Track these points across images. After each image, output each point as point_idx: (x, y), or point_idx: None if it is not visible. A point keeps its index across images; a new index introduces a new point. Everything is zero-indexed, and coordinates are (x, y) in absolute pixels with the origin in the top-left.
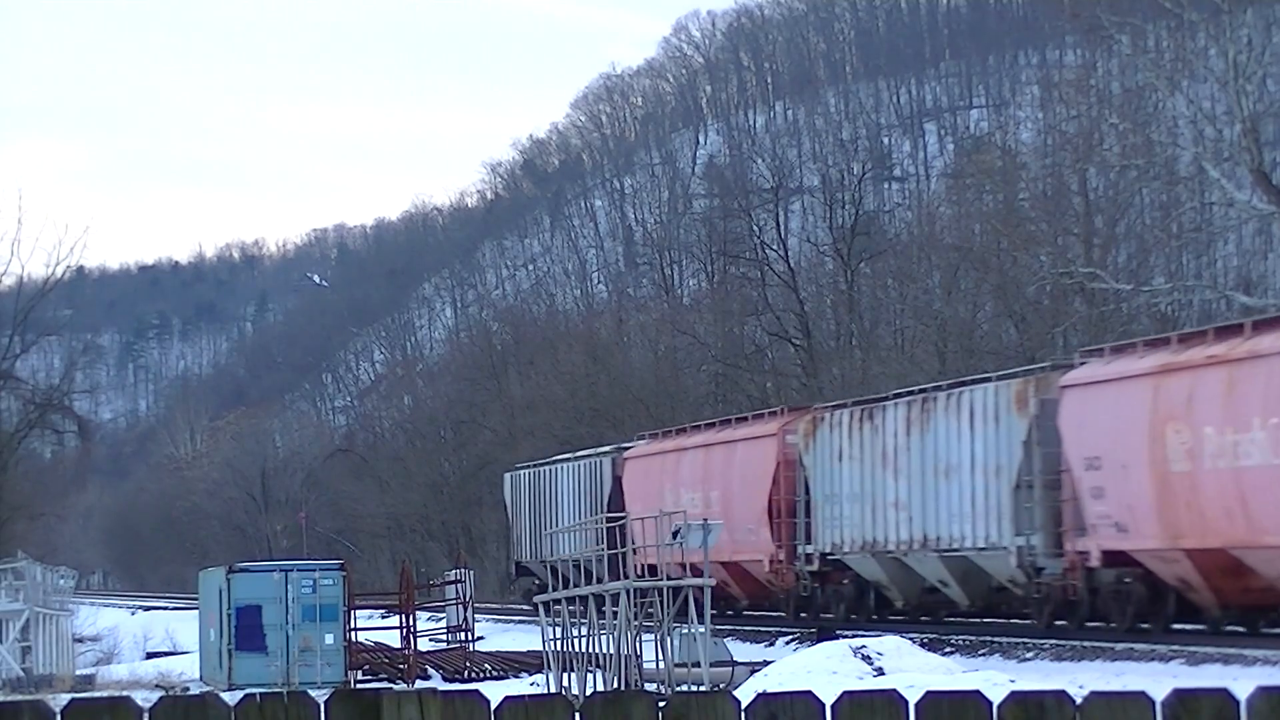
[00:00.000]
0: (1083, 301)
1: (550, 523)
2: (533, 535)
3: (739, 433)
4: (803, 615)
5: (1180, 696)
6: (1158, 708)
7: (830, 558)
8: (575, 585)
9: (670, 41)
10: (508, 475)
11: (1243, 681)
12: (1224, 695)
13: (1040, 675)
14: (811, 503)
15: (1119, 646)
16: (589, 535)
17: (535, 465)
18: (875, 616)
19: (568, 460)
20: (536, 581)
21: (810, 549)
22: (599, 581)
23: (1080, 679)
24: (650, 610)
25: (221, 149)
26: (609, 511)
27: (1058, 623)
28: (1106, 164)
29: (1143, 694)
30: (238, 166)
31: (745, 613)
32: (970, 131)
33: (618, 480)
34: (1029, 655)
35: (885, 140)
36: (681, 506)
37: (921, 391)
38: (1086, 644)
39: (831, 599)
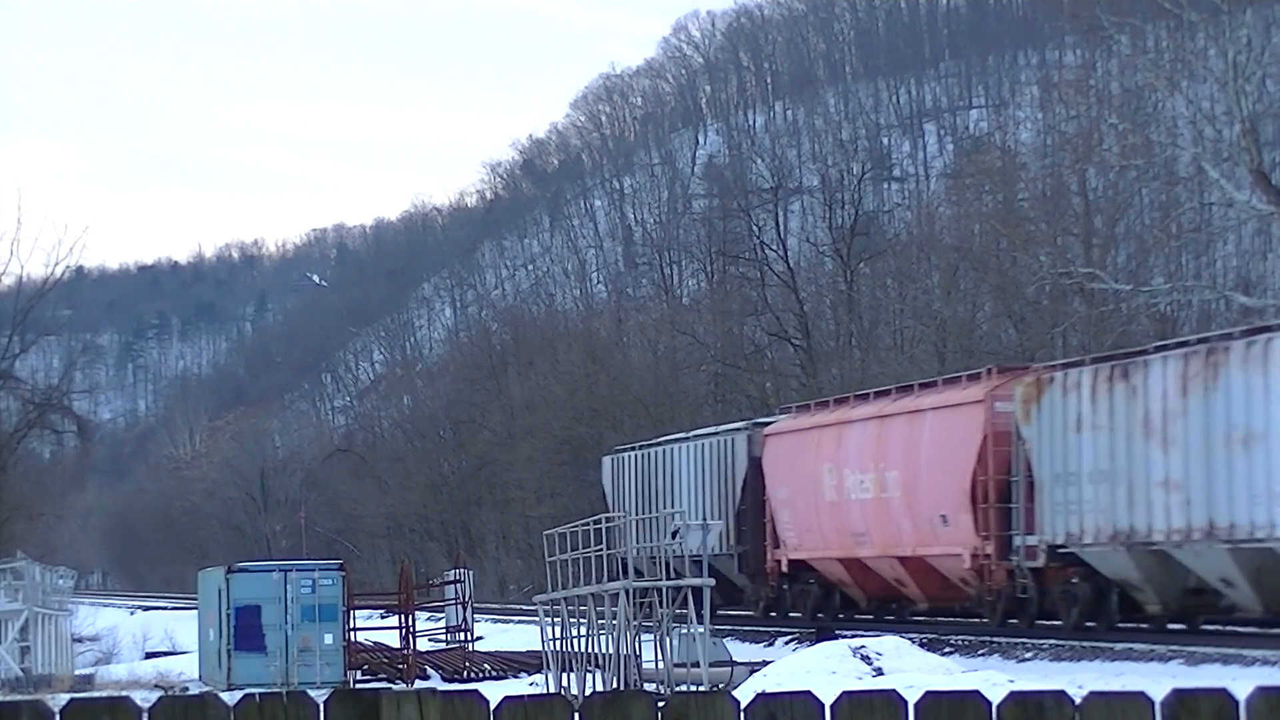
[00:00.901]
0: (1082, 301)
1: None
2: (641, 527)
3: (927, 400)
4: (1011, 621)
5: (1179, 696)
6: (1157, 708)
7: (1061, 551)
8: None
9: (670, 41)
10: (607, 459)
11: (1242, 681)
12: (1223, 695)
13: (1039, 675)
14: (1035, 484)
15: (1118, 646)
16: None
17: (644, 446)
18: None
19: (689, 439)
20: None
21: (1033, 540)
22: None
23: (1080, 679)
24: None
25: (221, 149)
26: (744, 498)
27: None
28: (1106, 164)
29: (1142, 694)
30: (238, 166)
31: (930, 619)
32: (970, 132)
33: (755, 461)
34: (1028, 655)
35: (885, 140)
36: (846, 490)
37: (1202, 341)
38: (1086, 644)
39: (1061, 602)
